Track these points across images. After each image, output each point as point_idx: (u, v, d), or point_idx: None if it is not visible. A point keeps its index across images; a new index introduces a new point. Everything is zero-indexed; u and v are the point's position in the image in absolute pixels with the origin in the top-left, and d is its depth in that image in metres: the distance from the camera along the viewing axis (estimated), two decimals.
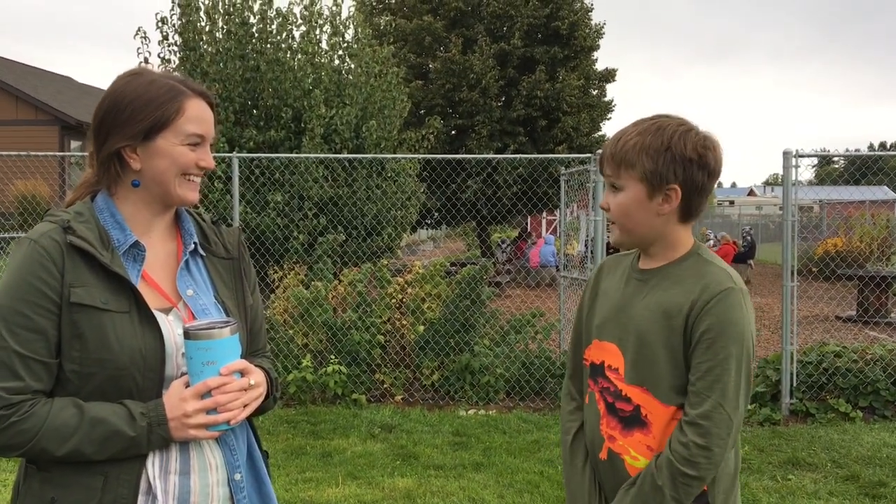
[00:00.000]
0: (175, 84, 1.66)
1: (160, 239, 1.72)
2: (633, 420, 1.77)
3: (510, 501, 4.78)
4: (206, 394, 1.58)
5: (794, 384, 6.74)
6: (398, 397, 7.25)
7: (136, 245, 1.64)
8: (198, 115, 1.66)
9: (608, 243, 7.11)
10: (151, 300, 1.61)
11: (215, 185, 9.08)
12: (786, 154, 6.81)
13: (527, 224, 24.81)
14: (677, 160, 1.70)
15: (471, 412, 6.91)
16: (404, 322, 7.51)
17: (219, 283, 1.76)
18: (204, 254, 1.77)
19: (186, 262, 1.73)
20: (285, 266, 8.04)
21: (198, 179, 1.71)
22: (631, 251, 1.91)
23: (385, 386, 7.32)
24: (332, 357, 7.15)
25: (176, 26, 10.07)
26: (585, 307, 1.94)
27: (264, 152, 9.26)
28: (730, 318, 1.68)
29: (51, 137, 23.22)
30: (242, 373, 1.64)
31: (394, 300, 7.57)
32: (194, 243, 1.74)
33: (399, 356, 7.50)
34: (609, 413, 1.82)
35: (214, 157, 7.88)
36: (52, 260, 1.54)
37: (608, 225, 1.86)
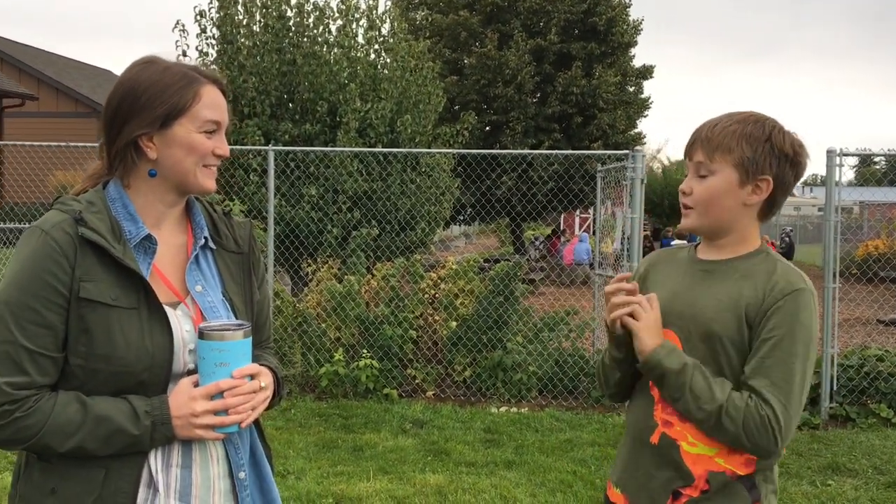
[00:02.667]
0: (189, 71, 1.64)
1: (170, 231, 1.69)
2: None
3: (542, 500, 4.73)
4: (216, 395, 1.56)
5: (835, 388, 6.59)
6: (430, 393, 7.22)
7: (148, 238, 1.62)
8: (213, 102, 1.64)
9: (644, 238, 7.01)
10: (160, 295, 1.59)
11: (251, 177, 9.12)
12: (829, 153, 6.65)
13: (560, 221, 24.67)
14: (775, 152, 1.73)
15: (502, 409, 6.86)
16: (437, 317, 7.48)
17: (227, 278, 1.74)
18: (214, 247, 1.74)
19: (196, 256, 1.70)
20: (319, 259, 8.05)
21: (215, 168, 1.68)
22: (684, 246, 1.90)
23: (417, 381, 7.30)
24: (365, 351, 7.15)
25: (214, 19, 10.13)
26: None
27: (300, 146, 9.28)
28: (800, 318, 1.68)
29: (90, 129, 23.56)
30: (253, 376, 1.62)
31: (426, 295, 7.54)
32: (205, 237, 1.72)
33: (431, 352, 7.47)
34: (664, 399, 1.78)
35: (250, 151, 7.88)
36: (63, 253, 1.51)
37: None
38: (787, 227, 25.52)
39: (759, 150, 1.72)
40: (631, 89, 20.92)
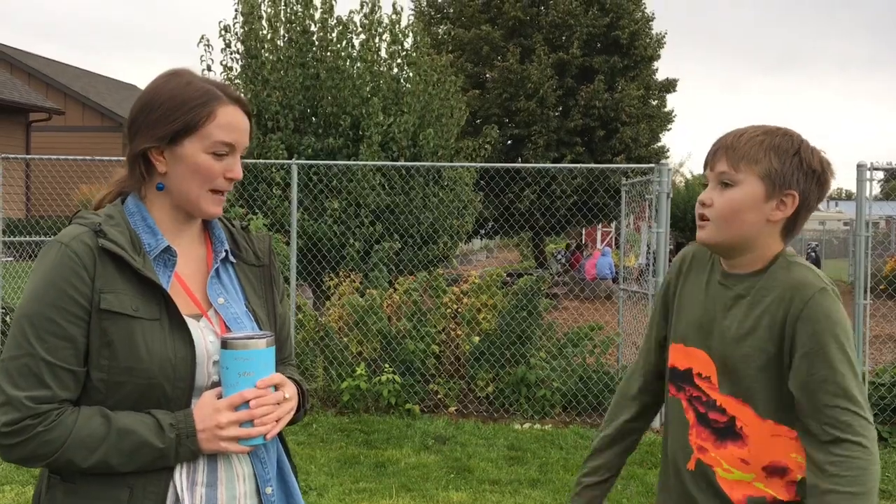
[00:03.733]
0: (211, 88, 1.60)
1: (190, 244, 1.66)
2: (726, 432, 1.69)
3: None
4: (241, 406, 1.53)
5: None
6: (452, 409, 7.16)
7: (168, 250, 1.59)
8: (229, 123, 1.59)
9: (671, 252, 6.91)
10: (182, 306, 1.56)
11: (274, 191, 9.14)
12: (860, 167, 6.53)
13: (582, 235, 24.56)
14: (803, 167, 1.66)
15: (526, 426, 6.78)
16: (459, 332, 7.43)
17: (249, 291, 1.71)
18: (234, 261, 1.72)
19: (217, 269, 1.68)
20: (341, 273, 8.03)
21: (224, 193, 1.64)
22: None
23: (439, 396, 7.24)
24: (387, 366, 7.10)
25: (238, 34, 10.20)
26: (672, 305, 1.83)
27: (322, 159, 9.29)
28: (831, 319, 1.60)
29: (115, 143, 23.82)
30: (277, 386, 1.58)
31: (449, 310, 7.49)
32: (225, 251, 1.69)
33: (454, 367, 7.41)
34: (700, 423, 1.72)
35: (274, 164, 7.87)
36: (83, 265, 1.48)
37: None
38: (813, 241, 25.22)
39: (787, 164, 1.64)
40: (654, 103, 20.80)
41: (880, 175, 6.85)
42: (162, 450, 1.49)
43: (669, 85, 21.08)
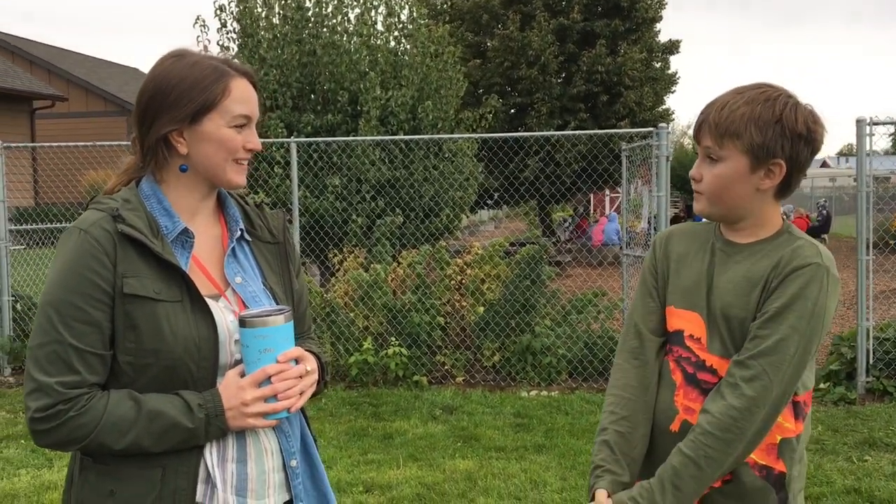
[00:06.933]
0: (219, 65, 1.62)
1: (205, 224, 1.69)
2: None
3: (572, 484, 4.71)
4: (264, 382, 1.56)
5: (871, 362, 6.47)
6: (459, 379, 7.23)
7: (185, 232, 1.62)
8: (243, 96, 1.62)
9: (673, 219, 6.90)
10: (201, 287, 1.59)
11: (275, 170, 9.16)
12: (859, 122, 6.50)
13: (589, 202, 24.48)
14: (787, 134, 1.63)
15: (532, 393, 6.84)
16: (464, 303, 7.47)
17: (266, 268, 1.73)
18: (250, 239, 1.74)
19: (233, 248, 1.70)
20: (345, 249, 8.07)
21: (245, 163, 1.67)
22: (708, 222, 1.83)
23: (446, 367, 7.30)
24: (393, 339, 7.16)
25: (234, 13, 10.16)
26: (660, 273, 1.84)
27: (322, 136, 9.30)
28: (805, 293, 1.61)
29: (119, 127, 23.86)
30: (297, 360, 1.61)
31: (453, 281, 7.53)
32: (241, 230, 1.71)
33: (459, 338, 7.47)
34: (688, 384, 1.73)
35: (273, 143, 7.91)
36: (104, 250, 1.51)
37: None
38: (822, 198, 25.06)
39: (769, 134, 1.62)
40: (657, 65, 20.58)
41: (884, 129, 6.81)
42: (192, 430, 1.52)
43: (672, 46, 20.84)
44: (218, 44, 10.31)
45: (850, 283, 12.84)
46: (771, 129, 1.62)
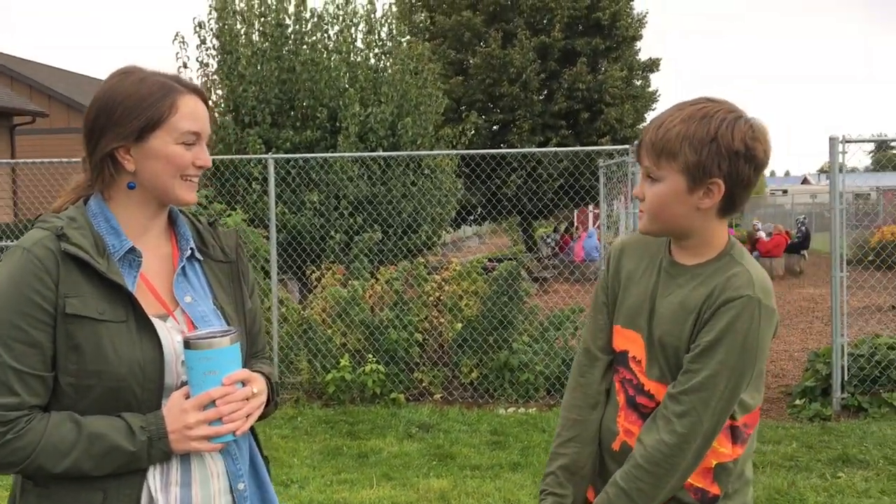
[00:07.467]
0: (167, 81, 1.61)
1: (155, 243, 1.67)
2: None
3: None
4: (209, 405, 1.53)
5: (846, 378, 6.49)
6: (437, 396, 7.19)
7: (133, 251, 1.59)
8: (192, 112, 1.61)
9: None
10: (148, 307, 1.56)
11: (253, 186, 9.13)
12: (832, 140, 6.56)
13: (573, 218, 24.56)
14: (723, 153, 1.57)
15: (510, 410, 6.81)
16: (442, 320, 7.45)
17: (217, 288, 1.71)
18: (201, 258, 1.72)
19: (183, 267, 1.68)
20: (323, 266, 8.04)
21: (196, 179, 1.65)
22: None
23: (423, 385, 7.27)
24: (371, 356, 7.12)
25: (213, 30, 10.16)
26: (610, 288, 1.82)
27: (301, 153, 9.28)
28: (735, 327, 1.58)
29: None
30: (244, 382, 1.59)
31: (431, 298, 7.51)
32: (191, 248, 1.69)
33: (437, 354, 7.44)
34: (628, 406, 1.73)
35: (251, 160, 7.85)
36: (45, 270, 1.48)
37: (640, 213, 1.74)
38: (802, 215, 25.22)
39: (704, 153, 1.57)
40: (638, 83, 20.76)
41: (867, 147, 6.88)
42: (134, 453, 1.49)
43: (653, 64, 21.04)
44: (197, 60, 10.31)
45: (828, 299, 12.94)
46: (706, 148, 1.57)
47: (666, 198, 1.63)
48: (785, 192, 54.22)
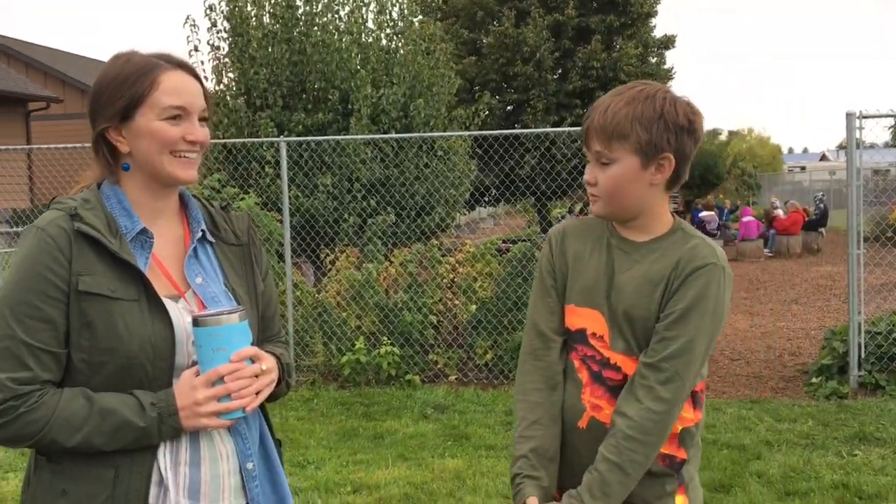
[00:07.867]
0: (150, 59, 1.62)
1: (167, 225, 1.69)
2: (621, 389, 1.73)
3: None
4: (218, 381, 1.55)
5: (863, 356, 6.45)
6: (452, 377, 7.21)
7: (144, 232, 1.61)
8: (175, 87, 1.61)
9: (680, 212, 6.88)
10: (160, 288, 1.58)
11: (266, 170, 9.14)
12: (849, 116, 6.48)
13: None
14: (671, 128, 1.67)
15: None
16: (456, 302, 7.46)
17: (228, 270, 1.73)
18: (213, 240, 1.73)
19: (195, 249, 1.70)
20: (337, 249, 8.05)
21: (192, 156, 1.64)
22: (591, 219, 1.86)
23: (439, 366, 7.29)
24: (385, 338, 7.14)
25: (224, 13, 10.13)
26: (557, 271, 1.85)
27: (313, 135, 9.27)
28: (706, 293, 1.68)
29: None
30: (253, 359, 1.60)
31: (445, 280, 7.52)
32: (202, 230, 1.71)
33: (452, 336, 7.45)
34: (594, 381, 1.76)
35: (263, 143, 7.83)
36: (59, 248, 1.51)
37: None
38: (820, 192, 24.98)
39: (654, 131, 1.66)
40: (653, 60, 20.58)
41: (878, 122, 6.78)
42: (144, 429, 1.51)
43: (668, 41, 20.84)
44: (209, 43, 10.29)
45: (844, 277, 12.82)
46: (655, 125, 1.66)
47: (621, 178, 1.71)
48: (803, 168, 53.72)
